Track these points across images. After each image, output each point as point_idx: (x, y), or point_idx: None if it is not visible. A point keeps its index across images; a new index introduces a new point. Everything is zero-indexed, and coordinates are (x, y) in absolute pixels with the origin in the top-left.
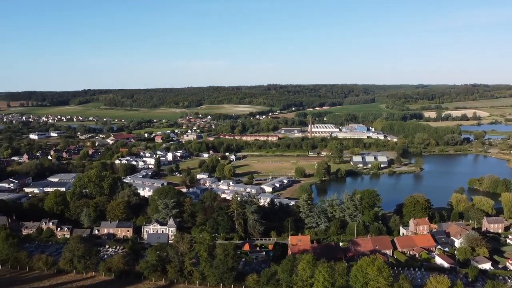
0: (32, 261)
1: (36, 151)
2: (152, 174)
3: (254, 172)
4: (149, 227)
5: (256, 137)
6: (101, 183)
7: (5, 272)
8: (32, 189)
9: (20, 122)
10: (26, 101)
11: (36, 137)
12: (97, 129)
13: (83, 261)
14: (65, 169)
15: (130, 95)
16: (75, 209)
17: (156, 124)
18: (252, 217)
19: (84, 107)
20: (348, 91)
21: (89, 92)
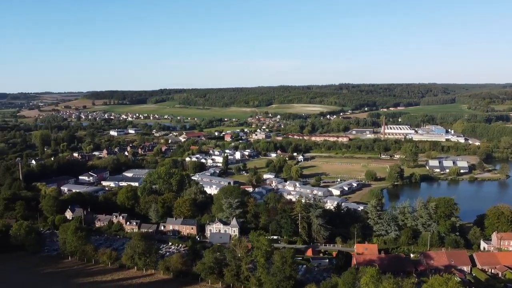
0: (97, 254)
1: (115, 147)
2: (220, 173)
3: (322, 173)
4: (212, 226)
5: (325, 138)
6: (170, 180)
7: (73, 263)
8: (108, 183)
9: (102, 119)
10: (109, 100)
11: (115, 134)
12: (171, 127)
13: (143, 258)
14: (139, 165)
15: (203, 94)
16: (144, 204)
17: (226, 123)
18: (316, 221)
19: (160, 106)
20: (425, 91)
21: (165, 92)
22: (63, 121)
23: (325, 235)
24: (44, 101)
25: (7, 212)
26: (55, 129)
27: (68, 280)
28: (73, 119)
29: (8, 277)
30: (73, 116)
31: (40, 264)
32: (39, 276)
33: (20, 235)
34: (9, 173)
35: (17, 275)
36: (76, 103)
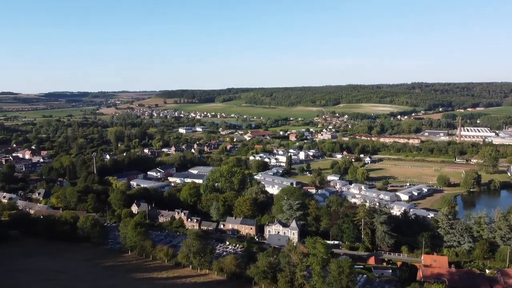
0: (155, 251)
1: (182, 144)
2: (283, 172)
3: (390, 177)
4: (272, 227)
5: (395, 139)
6: (232, 178)
7: (133, 258)
8: (174, 179)
9: (172, 117)
10: (179, 99)
11: (184, 131)
12: (237, 126)
13: (198, 257)
14: (204, 162)
15: (269, 93)
16: (206, 202)
17: (292, 122)
18: (381, 228)
19: (227, 105)
20: (508, 90)
21: (232, 91)
22: (137, 118)
23: (389, 243)
24: (121, 100)
25: (80, 203)
26: (128, 126)
27: (126, 274)
28: (146, 117)
29: (72, 267)
30: (146, 114)
31: (102, 256)
32: (100, 268)
33: (86, 227)
34: (85, 166)
35: (80, 267)
36: (149, 101)
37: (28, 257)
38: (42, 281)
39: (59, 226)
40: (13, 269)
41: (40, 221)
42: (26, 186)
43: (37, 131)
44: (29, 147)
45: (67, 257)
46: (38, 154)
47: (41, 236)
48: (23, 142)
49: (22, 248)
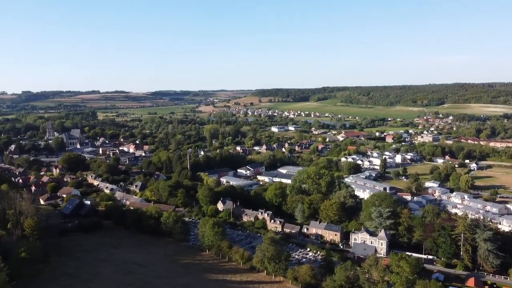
0: (231, 252)
1: (274, 142)
2: (376, 176)
3: (500, 186)
4: (358, 235)
5: (508, 144)
6: (319, 180)
7: (209, 257)
8: (263, 178)
9: (266, 116)
10: (274, 97)
11: (276, 130)
12: (330, 125)
13: (272, 263)
14: (294, 162)
15: (366, 92)
16: (291, 204)
17: (389, 123)
18: (484, 246)
19: (322, 104)
20: None
21: (328, 89)
22: (232, 116)
23: (494, 263)
24: (219, 98)
25: (171, 198)
26: (223, 123)
27: (201, 274)
28: (241, 115)
29: (151, 262)
30: (241, 112)
31: (182, 253)
32: (177, 265)
33: (169, 223)
34: (180, 162)
35: (159, 262)
36: (245, 100)
37: (115, 247)
38: (121, 274)
39: (145, 219)
40: (99, 259)
41: (129, 214)
42: (127, 178)
43: (142, 127)
44: (134, 141)
45: (149, 250)
46: (141, 148)
47: (130, 228)
48: (129, 137)
49: (112, 238)
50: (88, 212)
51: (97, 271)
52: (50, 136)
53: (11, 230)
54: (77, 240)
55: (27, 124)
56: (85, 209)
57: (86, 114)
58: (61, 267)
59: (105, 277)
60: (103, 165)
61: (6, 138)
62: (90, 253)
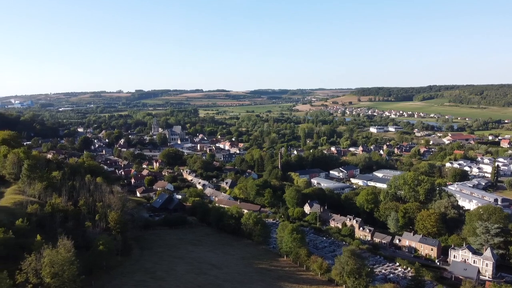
0: (309, 261)
1: (371, 144)
2: (486, 186)
3: None
4: (458, 252)
5: None
6: (417, 187)
7: (286, 264)
8: (357, 181)
9: (365, 116)
10: (374, 96)
11: (375, 131)
12: (436, 127)
13: (352, 278)
14: (392, 166)
15: (479, 91)
16: (384, 211)
17: (506, 125)
18: None
19: (427, 103)
20: None
21: (434, 88)
22: (329, 115)
23: None
24: (317, 97)
25: (258, 197)
26: (319, 123)
27: (276, 281)
28: (338, 114)
29: (227, 264)
30: (339, 112)
31: (259, 256)
32: (252, 270)
33: (249, 224)
34: (271, 161)
35: (234, 264)
36: (343, 99)
37: (195, 245)
38: (194, 274)
39: (226, 219)
40: (177, 255)
41: (212, 212)
42: (220, 174)
43: (239, 124)
44: (230, 139)
45: (227, 251)
46: (236, 145)
47: (212, 226)
48: (226, 134)
49: (193, 235)
50: (175, 207)
51: (172, 269)
52: (154, 131)
53: (97, 222)
54: (161, 234)
55: (136, 120)
56: (173, 204)
57: (189, 111)
58: (139, 262)
59: (178, 276)
60: (198, 161)
61: (118, 132)
62: (169, 249)
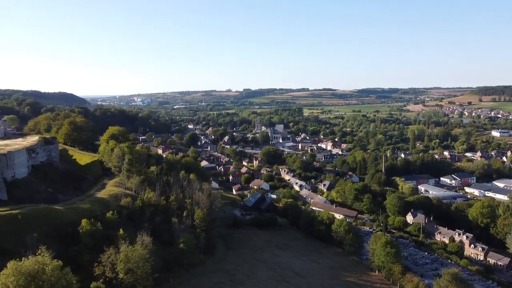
0: (403, 279)
1: (492, 149)
2: None
3: None
4: None
5: None
6: None
7: (377, 280)
8: (472, 190)
9: (486, 118)
10: (498, 96)
11: (497, 135)
12: None
13: None
14: None
15: None
16: (503, 228)
17: None
18: None
19: None
20: None
21: None
22: (443, 117)
23: None
24: (431, 96)
25: (356, 202)
26: (432, 124)
27: None
28: (455, 116)
29: (311, 273)
30: (455, 113)
31: (348, 268)
32: (339, 282)
33: (340, 232)
34: (375, 163)
35: (319, 274)
36: (461, 98)
37: (281, 249)
38: (275, 280)
39: (316, 224)
40: (261, 258)
41: (302, 215)
42: (318, 176)
43: (343, 124)
44: (332, 139)
45: (314, 259)
46: (338, 146)
47: (302, 230)
48: (329, 134)
49: (282, 238)
50: (267, 207)
51: (253, 273)
52: (257, 129)
53: (184, 219)
54: (249, 234)
55: (242, 118)
56: (265, 204)
57: (293, 110)
58: (222, 262)
59: (258, 281)
60: (298, 161)
61: (223, 130)
62: (254, 251)
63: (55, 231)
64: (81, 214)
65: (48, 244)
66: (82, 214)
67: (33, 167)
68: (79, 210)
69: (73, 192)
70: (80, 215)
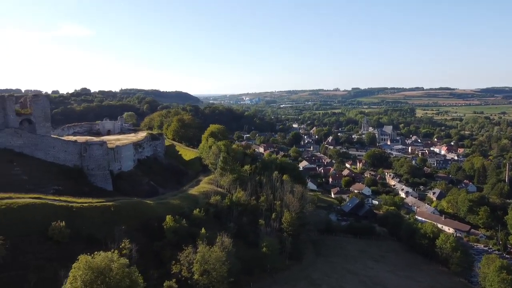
0: None
1: None
2: None
3: None
4: None
5: None
6: None
7: None
8: None
9: None
10: None
11: None
12: None
13: None
14: None
15: None
16: None
17: None
18: None
19: None
20: None
21: None
22: None
23: None
24: None
25: (470, 215)
26: None
27: None
28: None
29: None
30: None
31: None
32: None
33: (445, 248)
34: (497, 172)
35: None
36: None
37: (376, 261)
38: None
39: (418, 237)
40: (351, 270)
41: (403, 226)
42: (428, 182)
43: (462, 127)
44: (448, 142)
45: (412, 276)
46: (453, 151)
47: (403, 242)
48: (444, 137)
49: (378, 249)
50: (366, 213)
51: (340, 286)
52: (364, 130)
53: (271, 221)
54: (342, 242)
55: (348, 118)
56: (364, 210)
57: (404, 111)
58: (309, 269)
59: None
60: (406, 165)
61: (327, 129)
62: (346, 261)
63: (142, 225)
64: (170, 210)
65: (135, 238)
66: (170, 210)
67: (139, 161)
68: (169, 205)
69: (174, 186)
70: (168, 211)
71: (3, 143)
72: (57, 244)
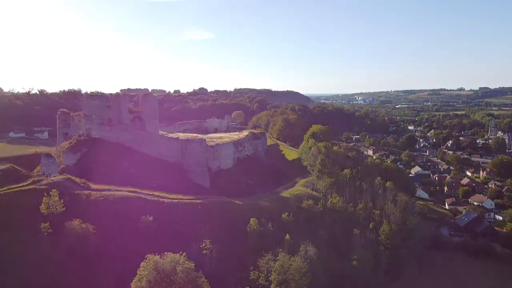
0: None
1: None
2: None
3: None
4: None
5: None
6: None
7: None
8: None
9: None
10: None
11: None
12: None
13: None
14: None
15: None
16: None
17: None
18: None
19: None
20: None
21: None
22: None
23: None
24: None
25: None
26: None
27: None
28: None
29: None
30: None
31: None
32: None
33: None
34: None
35: None
36: None
37: None
38: None
39: None
40: None
41: None
42: None
43: None
44: None
45: None
46: None
47: None
48: None
49: (497, 274)
50: (484, 230)
51: None
52: (491, 135)
53: (367, 231)
54: (454, 261)
55: (473, 121)
56: (482, 226)
57: None
58: None
59: None
60: None
61: (447, 133)
62: (456, 283)
63: (228, 225)
64: (257, 212)
65: (218, 238)
66: (258, 212)
67: (239, 160)
68: (257, 207)
69: (272, 186)
70: (255, 212)
71: (115, 138)
72: (144, 237)
